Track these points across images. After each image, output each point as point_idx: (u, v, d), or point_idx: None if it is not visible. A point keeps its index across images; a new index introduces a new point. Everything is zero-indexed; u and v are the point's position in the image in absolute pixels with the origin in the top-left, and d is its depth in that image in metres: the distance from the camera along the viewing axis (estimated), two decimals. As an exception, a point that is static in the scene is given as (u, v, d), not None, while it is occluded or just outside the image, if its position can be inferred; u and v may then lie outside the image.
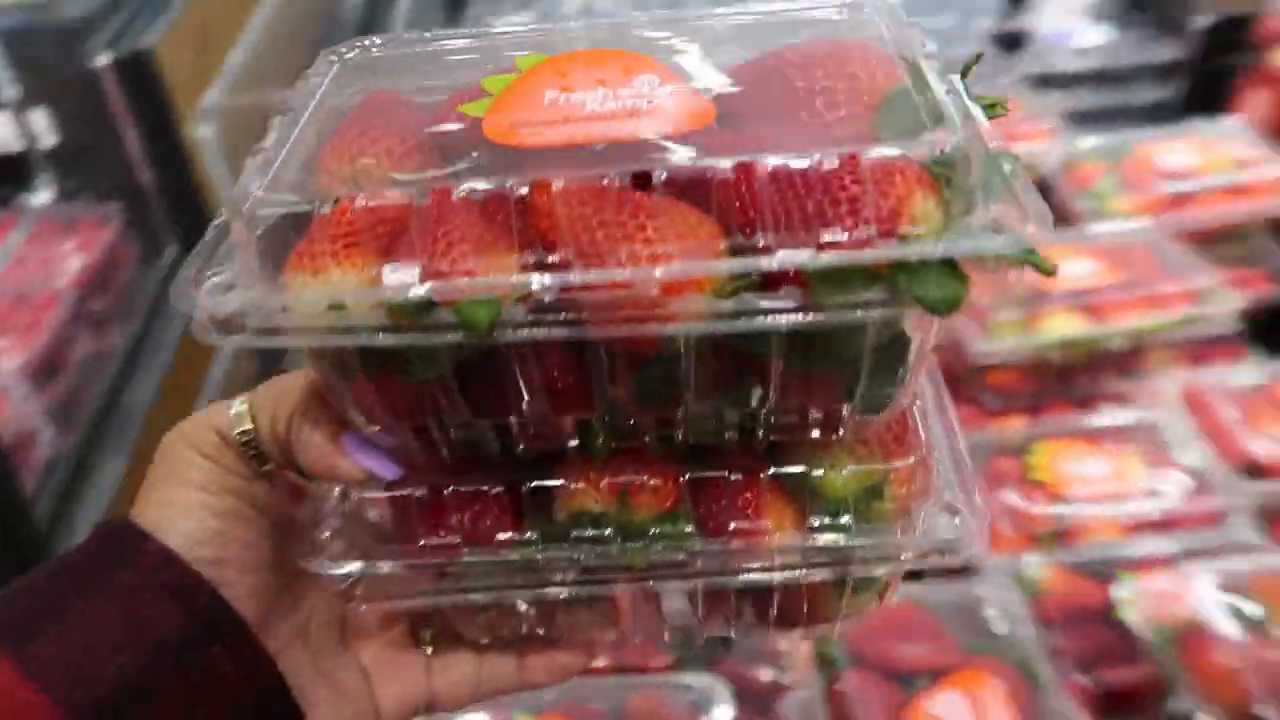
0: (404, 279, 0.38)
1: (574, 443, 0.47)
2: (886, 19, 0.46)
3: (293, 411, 0.46)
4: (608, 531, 0.46)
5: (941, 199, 0.37)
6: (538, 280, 0.38)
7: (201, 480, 0.46)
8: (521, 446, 0.47)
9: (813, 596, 0.51)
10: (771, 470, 0.46)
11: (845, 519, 0.46)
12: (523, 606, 0.52)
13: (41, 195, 1.75)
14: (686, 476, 0.47)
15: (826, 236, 0.37)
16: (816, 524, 0.46)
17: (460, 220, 0.39)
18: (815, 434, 0.46)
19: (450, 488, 0.47)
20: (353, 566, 0.48)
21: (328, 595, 0.52)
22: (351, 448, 0.45)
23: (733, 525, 0.46)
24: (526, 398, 0.43)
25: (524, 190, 0.38)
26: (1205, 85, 1.87)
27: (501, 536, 0.47)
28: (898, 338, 0.41)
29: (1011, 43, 2.09)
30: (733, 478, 0.47)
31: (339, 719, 0.49)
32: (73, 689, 0.40)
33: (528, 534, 0.47)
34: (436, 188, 0.39)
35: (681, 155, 0.39)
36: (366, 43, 0.50)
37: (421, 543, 0.48)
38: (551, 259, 0.38)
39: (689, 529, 0.46)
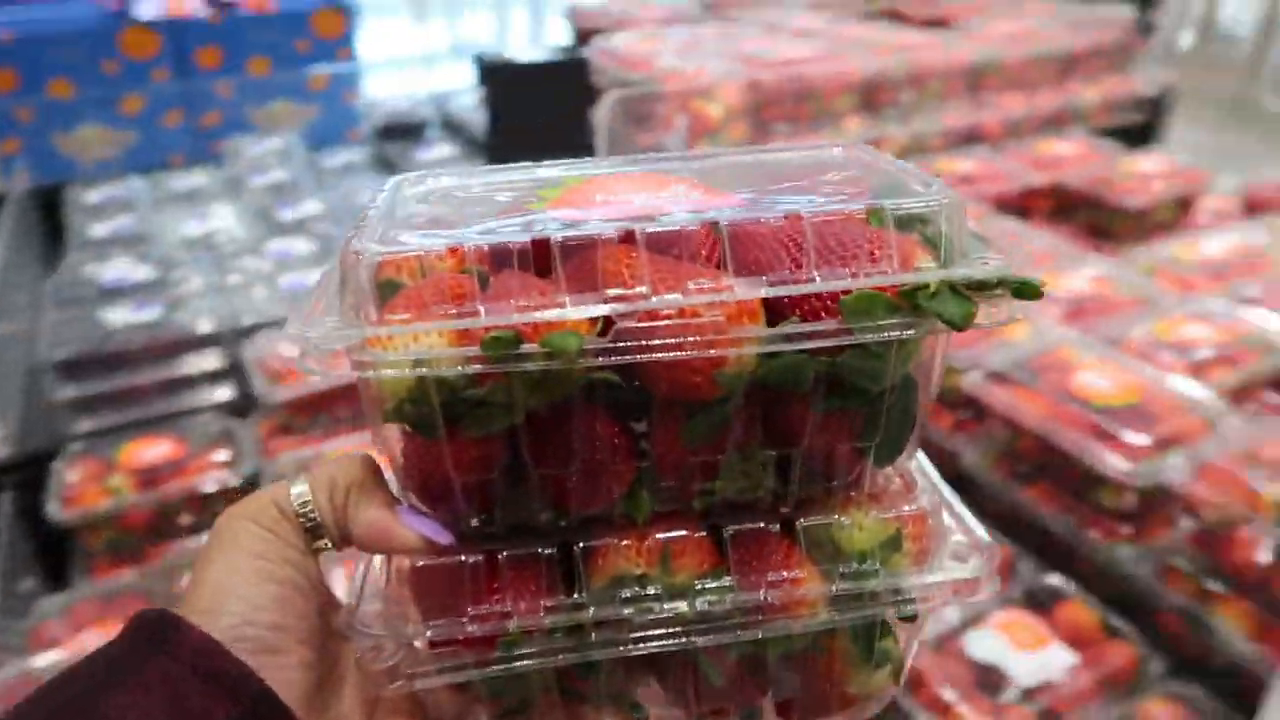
0: (495, 320, 0.43)
1: (619, 511, 0.50)
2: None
3: (350, 485, 0.48)
4: (651, 590, 0.48)
5: (938, 253, 0.46)
6: (613, 308, 0.43)
7: (261, 550, 0.46)
8: (569, 513, 0.49)
9: (839, 668, 0.53)
10: (801, 528, 0.50)
11: (870, 565, 0.49)
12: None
13: None
14: (725, 534, 0.50)
15: (856, 270, 0.44)
16: (844, 571, 0.49)
17: (531, 282, 0.44)
18: (838, 491, 0.51)
19: (502, 554, 0.49)
20: (399, 634, 0.48)
21: (359, 695, 0.50)
22: (406, 516, 0.48)
23: (770, 576, 0.49)
24: (587, 448, 0.46)
25: (605, 236, 0.45)
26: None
27: (549, 602, 0.48)
28: (907, 381, 0.48)
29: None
30: (767, 534, 0.50)
31: None
32: None
33: (575, 597, 0.49)
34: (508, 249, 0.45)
35: (732, 212, 0.47)
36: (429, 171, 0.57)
37: (470, 611, 0.48)
38: (623, 294, 0.44)
39: (729, 581, 0.49)
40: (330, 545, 0.48)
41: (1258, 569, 1.12)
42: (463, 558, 0.49)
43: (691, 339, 0.43)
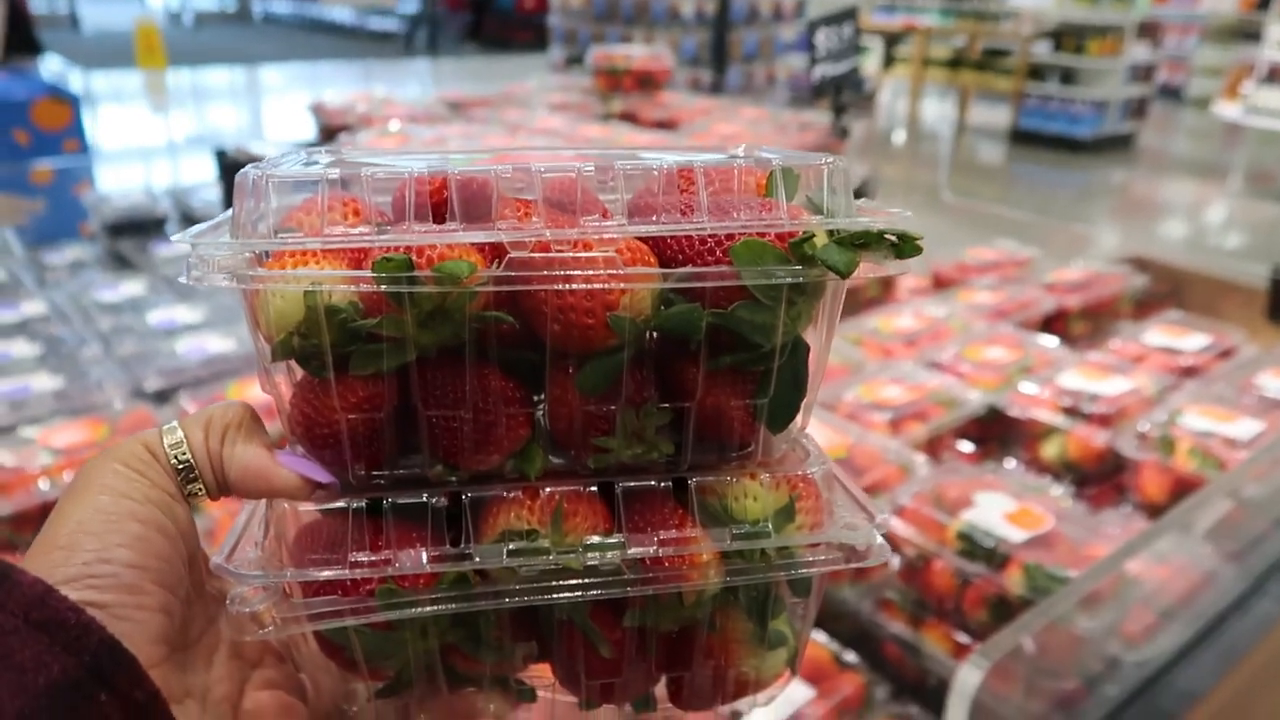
0: (388, 240, 0.42)
1: (510, 469, 0.48)
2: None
3: (227, 426, 0.46)
4: (542, 543, 0.46)
5: (823, 211, 0.48)
6: (507, 235, 0.43)
7: (125, 490, 0.43)
8: (460, 468, 0.47)
9: (733, 647, 0.51)
10: (694, 492, 0.49)
11: (764, 529, 0.49)
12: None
13: None
14: (618, 491, 0.48)
15: (746, 217, 0.45)
16: (737, 533, 0.48)
17: (427, 228, 0.44)
18: (732, 460, 0.51)
19: (388, 500, 0.46)
20: (272, 577, 0.45)
21: (230, 665, 0.47)
22: (285, 457, 0.46)
23: (662, 535, 0.47)
24: (479, 395, 0.45)
25: (502, 174, 0.44)
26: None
27: (434, 552, 0.46)
28: (799, 344, 0.49)
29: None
30: (661, 496, 0.49)
31: None
32: None
33: (464, 548, 0.46)
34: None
35: (627, 161, 0.47)
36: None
37: (351, 558, 0.45)
38: (517, 225, 0.43)
39: (621, 539, 0.47)
40: (204, 491, 0.46)
41: (950, 593, 1.30)
42: (345, 503, 0.46)
43: (585, 273, 0.43)
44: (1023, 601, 1.22)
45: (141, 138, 7.65)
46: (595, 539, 0.47)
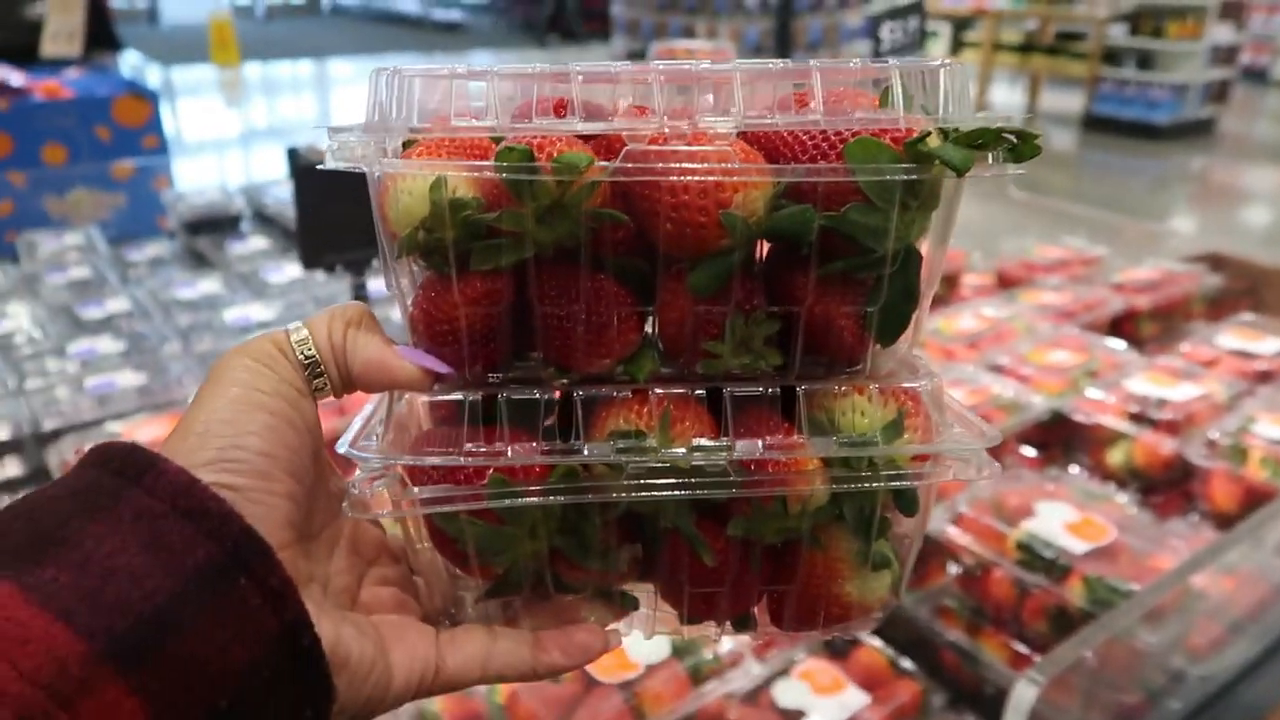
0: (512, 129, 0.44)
1: (620, 373, 0.49)
2: None
3: (348, 323, 0.48)
4: (649, 442, 0.46)
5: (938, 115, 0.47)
6: (624, 126, 0.44)
7: (255, 383, 0.45)
8: (572, 370, 0.48)
9: (837, 566, 0.50)
10: (802, 404, 0.48)
11: (872, 439, 0.48)
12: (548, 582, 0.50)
13: None
14: (726, 397, 0.48)
15: (862, 115, 0.45)
16: (844, 442, 0.48)
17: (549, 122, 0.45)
18: (839, 373, 0.50)
19: (502, 395, 0.47)
20: (391, 459, 0.47)
21: (349, 559, 0.50)
22: (405, 351, 0.48)
23: (769, 440, 0.47)
24: (593, 296, 0.46)
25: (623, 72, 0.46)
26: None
27: (547, 445, 0.47)
28: (911, 253, 0.48)
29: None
30: (768, 407, 0.48)
31: (361, 656, 0.44)
32: (94, 618, 0.35)
33: (573, 444, 0.47)
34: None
35: (746, 65, 0.47)
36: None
37: (466, 446, 0.47)
38: (633, 120, 0.45)
39: (728, 442, 0.47)
40: (329, 386, 0.48)
41: (1009, 603, 1.29)
42: (462, 397, 0.48)
43: (699, 165, 0.43)
44: (1083, 614, 1.21)
45: (216, 132, 7.86)
46: (703, 441, 0.47)
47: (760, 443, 0.47)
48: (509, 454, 0.47)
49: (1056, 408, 1.67)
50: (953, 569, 1.37)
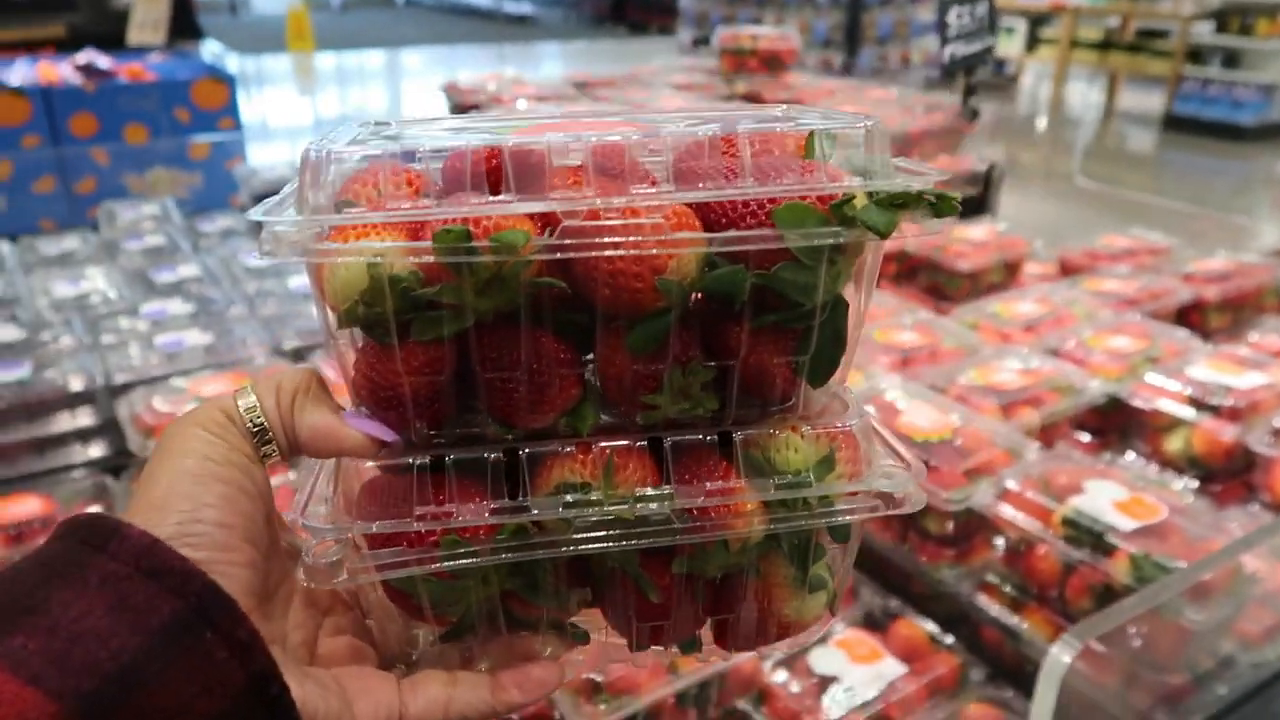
0: (447, 212, 0.45)
1: (564, 426, 0.51)
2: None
3: (296, 390, 0.50)
4: (594, 495, 0.49)
5: (864, 177, 0.50)
6: (559, 205, 0.45)
7: (207, 452, 0.46)
8: (516, 427, 0.50)
9: (776, 591, 0.54)
10: (739, 445, 0.51)
11: (806, 479, 0.51)
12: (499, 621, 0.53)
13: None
14: (665, 445, 0.51)
15: (789, 181, 0.47)
16: (780, 483, 0.51)
17: (483, 193, 0.46)
18: (774, 413, 0.53)
19: (449, 457, 0.50)
20: (343, 529, 0.49)
21: (304, 614, 0.51)
22: (351, 418, 0.49)
23: (708, 486, 0.50)
24: (534, 357, 0.48)
25: (554, 145, 0.46)
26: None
27: (495, 504, 0.49)
28: (839, 302, 0.51)
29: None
30: (707, 450, 0.51)
31: (327, 712, 0.46)
32: (63, 680, 0.37)
33: (521, 500, 0.49)
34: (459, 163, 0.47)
35: (675, 128, 0.50)
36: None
37: (417, 510, 0.48)
38: (569, 195, 0.46)
39: (670, 490, 0.50)
40: (277, 452, 0.49)
41: (1053, 579, 1.27)
42: (410, 460, 0.49)
43: (634, 239, 0.45)
44: (1129, 592, 1.18)
45: (290, 117, 8.06)
46: (645, 491, 0.50)
47: (702, 490, 0.50)
48: (460, 516, 0.48)
49: (1114, 392, 1.64)
50: (998, 544, 1.36)
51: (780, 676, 1.23)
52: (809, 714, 1.18)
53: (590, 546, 0.49)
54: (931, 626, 1.32)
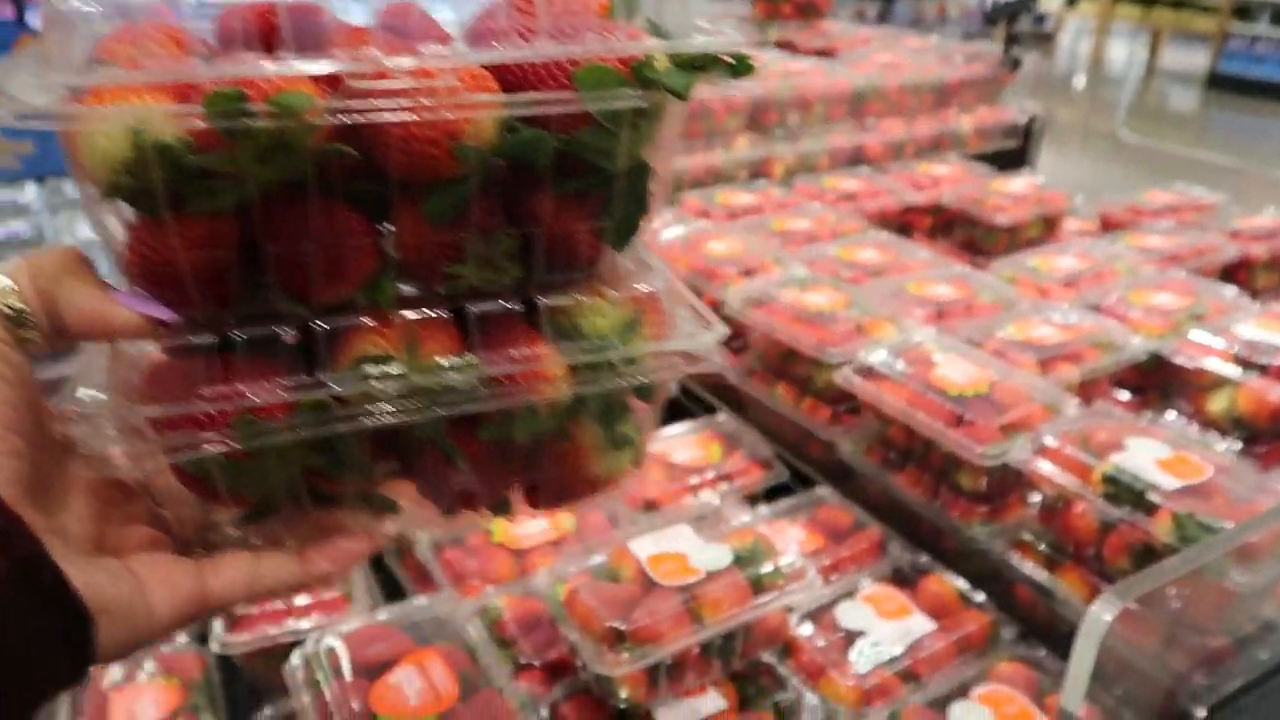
0: (219, 72, 0.41)
1: (362, 299, 0.49)
2: None
3: (58, 271, 0.45)
4: (396, 370, 0.47)
5: (662, 34, 0.49)
6: (345, 66, 0.42)
7: None
8: (310, 302, 0.47)
9: (584, 451, 0.53)
10: (545, 312, 0.51)
11: (611, 342, 0.51)
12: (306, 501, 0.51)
13: None
14: (470, 315, 0.49)
15: (589, 43, 0.46)
16: (585, 347, 0.50)
17: (258, 58, 0.42)
18: (578, 280, 0.52)
19: (238, 335, 0.46)
20: (123, 413, 0.45)
21: (89, 505, 0.47)
22: (123, 297, 0.45)
23: (514, 353, 0.49)
24: (324, 228, 0.45)
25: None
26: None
27: (291, 381, 0.46)
28: (641, 165, 0.50)
29: None
30: (512, 318, 0.51)
31: (118, 599, 0.43)
32: None
33: (319, 376, 0.46)
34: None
35: None
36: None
37: (204, 391, 0.45)
38: (354, 54, 0.43)
39: (475, 359, 0.49)
40: (38, 337, 0.45)
41: (1091, 538, 1.23)
42: (194, 340, 0.46)
43: (426, 101, 0.42)
44: (1170, 551, 1.15)
45: None
46: (450, 360, 0.48)
47: (506, 356, 0.49)
48: (252, 396, 0.45)
49: (1156, 349, 1.58)
50: (1033, 501, 1.32)
51: (806, 629, 1.21)
52: (835, 667, 1.16)
53: (394, 419, 0.47)
54: (962, 583, 1.29)
